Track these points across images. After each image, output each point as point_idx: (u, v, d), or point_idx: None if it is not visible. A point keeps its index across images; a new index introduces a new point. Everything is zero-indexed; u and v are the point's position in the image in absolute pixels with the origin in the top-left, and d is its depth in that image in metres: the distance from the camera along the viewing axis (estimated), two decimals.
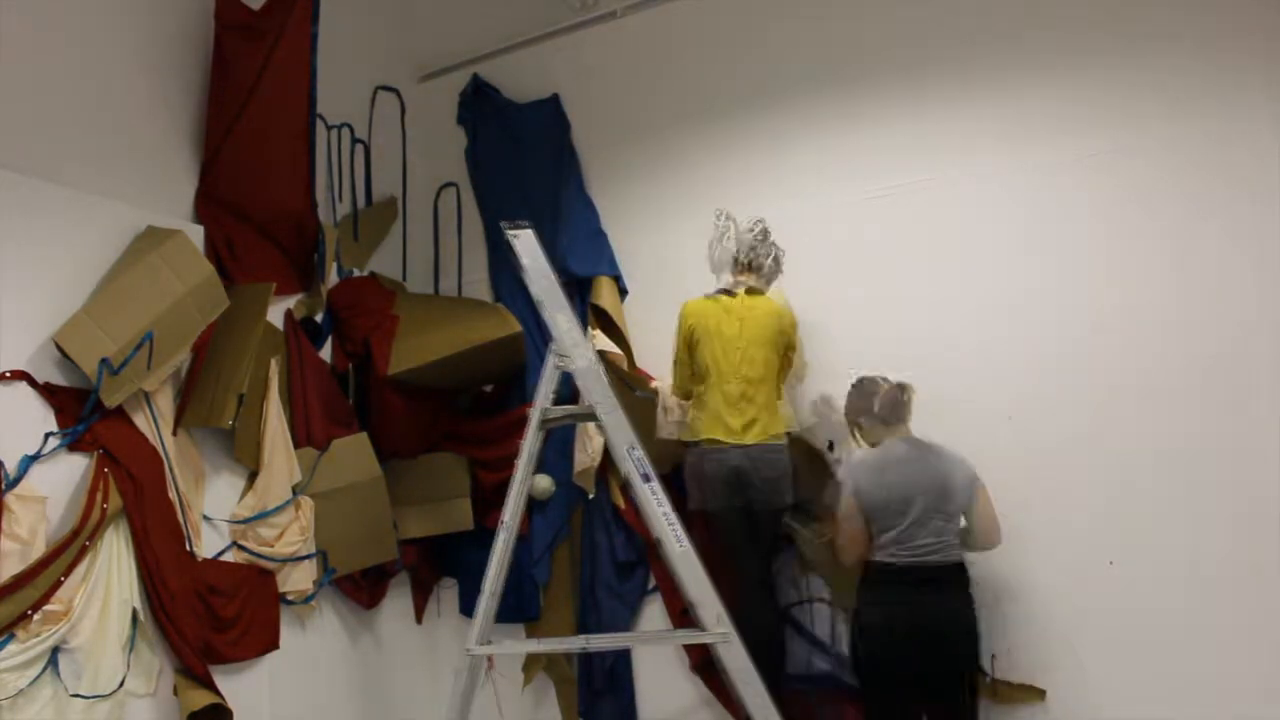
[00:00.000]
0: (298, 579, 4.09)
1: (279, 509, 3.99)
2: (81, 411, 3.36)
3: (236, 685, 3.65)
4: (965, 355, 3.75)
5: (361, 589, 4.41)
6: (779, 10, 4.31)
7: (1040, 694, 3.52)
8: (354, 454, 4.33)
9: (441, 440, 4.66)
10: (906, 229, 3.92)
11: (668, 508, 3.23)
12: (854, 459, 3.60)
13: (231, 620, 3.70)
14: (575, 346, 3.36)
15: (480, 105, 5.01)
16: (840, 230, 4.06)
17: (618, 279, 4.54)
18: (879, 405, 3.52)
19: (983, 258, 3.78)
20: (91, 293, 3.45)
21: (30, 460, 3.23)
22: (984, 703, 3.58)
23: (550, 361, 3.40)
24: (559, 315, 3.38)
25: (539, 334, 4.67)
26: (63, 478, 3.35)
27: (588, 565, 4.39)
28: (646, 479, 3.25)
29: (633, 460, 3.26)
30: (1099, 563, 3.46)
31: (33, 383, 3.30)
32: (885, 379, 3.56)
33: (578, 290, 4.55)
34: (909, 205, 3.93)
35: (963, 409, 3.71)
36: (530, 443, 3.38)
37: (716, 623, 3.14)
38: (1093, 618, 3.45)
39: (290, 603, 4.03)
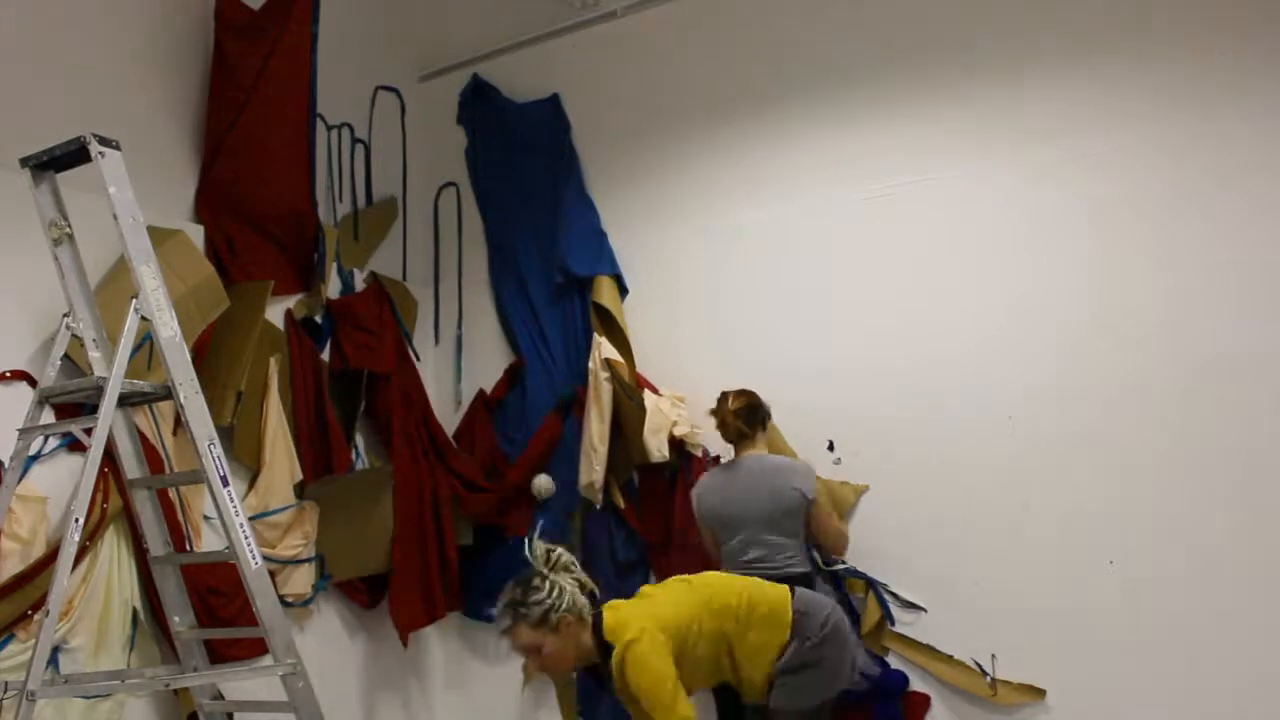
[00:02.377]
0: (297, 582, 4.10)
1: (281, 509, 3.99)
2: (81, 412, 3.36)
3: (237, 685, 3.65)
4: (965, 355, 3.75)
5: (361, 590, 4.41)
6: (779, 10, 4.30)
7: (1040, 694, 3.52)
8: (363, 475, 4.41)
9: None
10: (906, 229, 3.92)
11: (244, 519, 2.97)
12: (703, 476, 3.88)
13: (231, 620, 3.70)
14: (160, 310, 2.94)
15: (480, 105, 5.01)
16: (840, 230, 4.06)
17: (618, 278, 4.54)
18: (719, 421, 3.77)
19: (982, 257, 3.78)
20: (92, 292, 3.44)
21: (30, 460, 3.23)
22: (984, 703, 3.59)
23: (132, 322, 2.89)
24: (144, 269, 2.94)
25: (539, 334, 4.68)
26: (63, 478, 3.35)
27: (588, 566, 4.37)
28: (225, 483, 2.94)
29: (212, 458, 2.93)
30: (1099, 563, 3.45)
31: (33, 383, 3.30)
32: (735, 393, 3.78)
33: (579, 290, 4.56)
34: (909, 205, 3.92)
35: (963, 409, 3.72)
36: (101, 429, 2.79)
37: (285, 652, 2.98)
38: (1093, 618, 3.44)
39: (289, 604, 4.02)
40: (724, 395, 3.82)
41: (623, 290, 4.54)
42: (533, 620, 2.84)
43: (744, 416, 3.75)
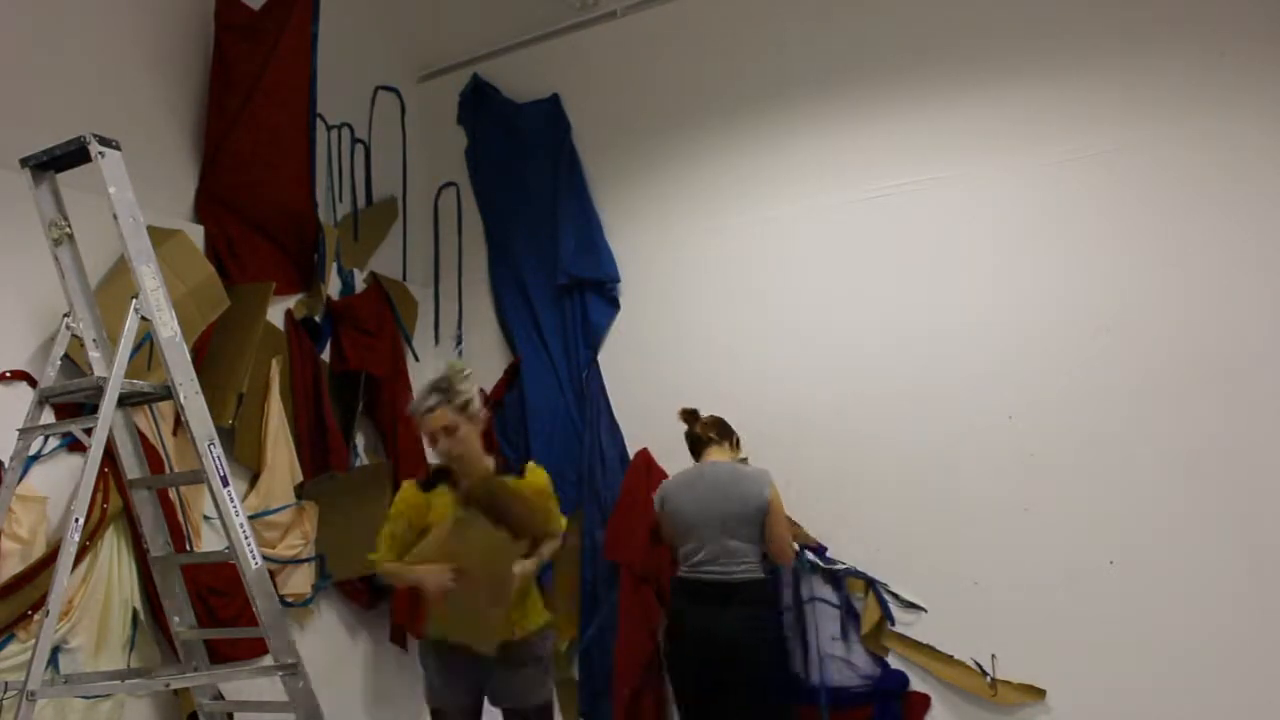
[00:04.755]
0: (297, 582, 4.10)
1: (281, 509, 3.99)
2: (81, 412, 3.36)
3: (236, 685, 3.65)
4: (966, 355, 3.75)
5: (361, 590, 4.41)
6: (779, 10, 4.31)
7: (1040, 694, 3.52)
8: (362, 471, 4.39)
9: None
10: (907, 228, 3.92)
11: (244, 519, 2.98)
12: (668, 479, 3.89)
13: (231, 620, 3.70)
14: (160, 310, 2.94)
15: (480, 105, 5.01)
16: (841, 230, 4.06)
17: (607, 288, 4.54)
18: (696, 420, 3.84)
19: (984, 257, 3.78)
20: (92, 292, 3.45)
21: (30, 460, 3.22)
22: (984, 703, 3.59)
23: (132, 322, 2.87)
24: (144, 269, 2.93)
25: (538, 334, 4.68)
26: (63, 478, 3.35)
27: (588, 566, 4.38)
28: (225, 483, 2.95)
29: (212, 458, 2.95)
30: (1099, 563, 3.46)
31: (33, 383, 3.30)
32: (686, 412, 3.86)
33: (578, 290, 4.56)
34: (910, 205, 3.92)
35: (963, 409, 3.72)
36: (101, 428, 2.77)
37: (285, 652, 2.97)
38: (1093, 618, 3.45)
39: (289, 604, 4.02)
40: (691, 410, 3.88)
41: (614, 301, 4.56)
42: (457, 405, 3.19)
43: (719, 422, 3.82)
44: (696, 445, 3.82)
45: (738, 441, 3.87)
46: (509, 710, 3.26)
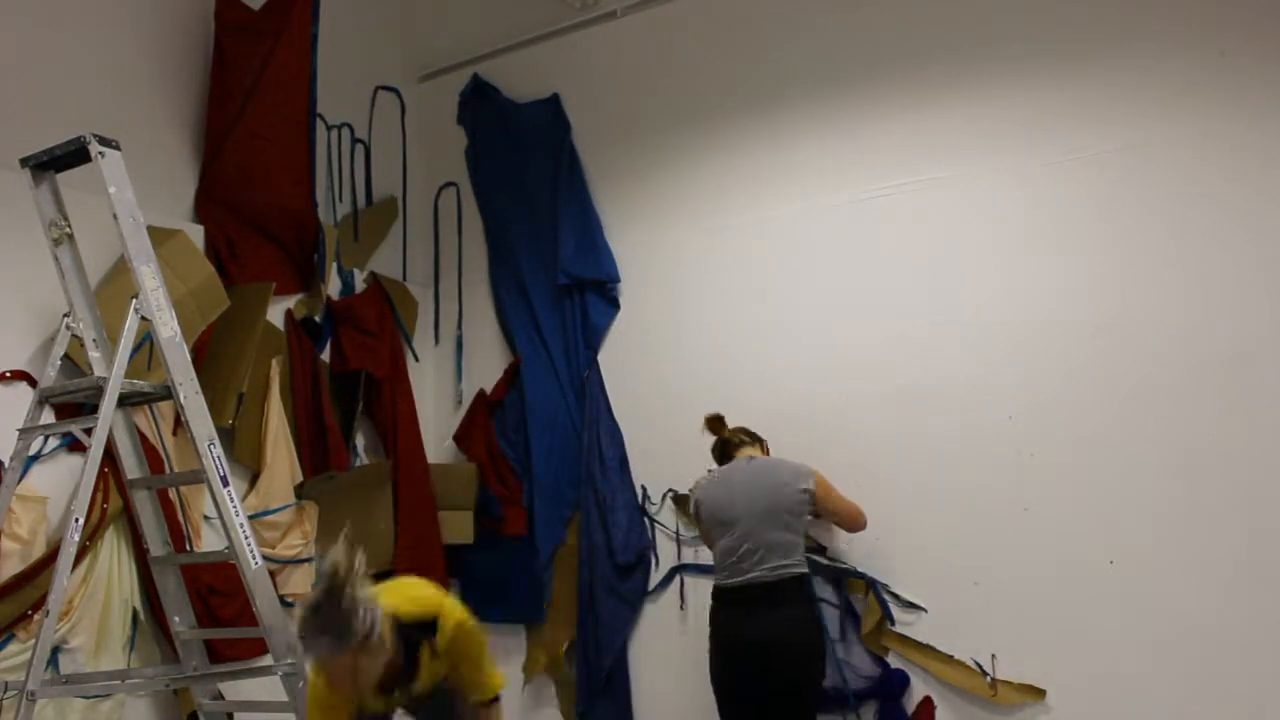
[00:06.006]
0: (297, 582, 4.10)
1: (281, 509, 3.99)
2: (81, 412, 3.36)
3: (236, 685, 3.65)
4: (966, 355, 3.74)
5: None
6: (779, 10, 4.30)
7: (1040, 694, 3.52)
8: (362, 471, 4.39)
9: None
10: (907, 229, 3.92)
11: (244, 519, 3.00)
12: (701, 481, 3.81)
13: (231, 620, 3.70)
14: (160, 310, 2.95)
15: (480, 105, 5.01)
16: (841, 230, 4.05)
17: (607, 289, 4.54)
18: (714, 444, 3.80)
19: (984, 257, 3.78)
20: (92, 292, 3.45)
21: (30, 460, 3.23)
22: (984, 703, 3.59)
23: (132, 322, 2.88)
24: (145, 269, 2.95)
25: (538, 334, 4.68)
26: (63, 478, 3.35)
27: (586, 566, 4.38)
28: (225, 483, 2.98)
29: (212, 458, 2.97)
30: (1099, 563, 3.46)
31: (33, 383, 3.30)
32: (711, 419, 3.83)
33: (578, 290, 4.56)
34: (910, 205, 3.92)
35: (963, 409, 3.72)
36: (101, 430, 2.79)
37: (285, 652, 2.97)
38: (1093, 618, 3.45)
39: (289, 604, 4.02)
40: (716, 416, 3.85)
41: (614, 301, 4.56)
42: (356, 645, 2.38)
43: (746, 429, 3.80)
44: (726, 449, 3.77)
45: (767, 447, 3.84)
46: None
